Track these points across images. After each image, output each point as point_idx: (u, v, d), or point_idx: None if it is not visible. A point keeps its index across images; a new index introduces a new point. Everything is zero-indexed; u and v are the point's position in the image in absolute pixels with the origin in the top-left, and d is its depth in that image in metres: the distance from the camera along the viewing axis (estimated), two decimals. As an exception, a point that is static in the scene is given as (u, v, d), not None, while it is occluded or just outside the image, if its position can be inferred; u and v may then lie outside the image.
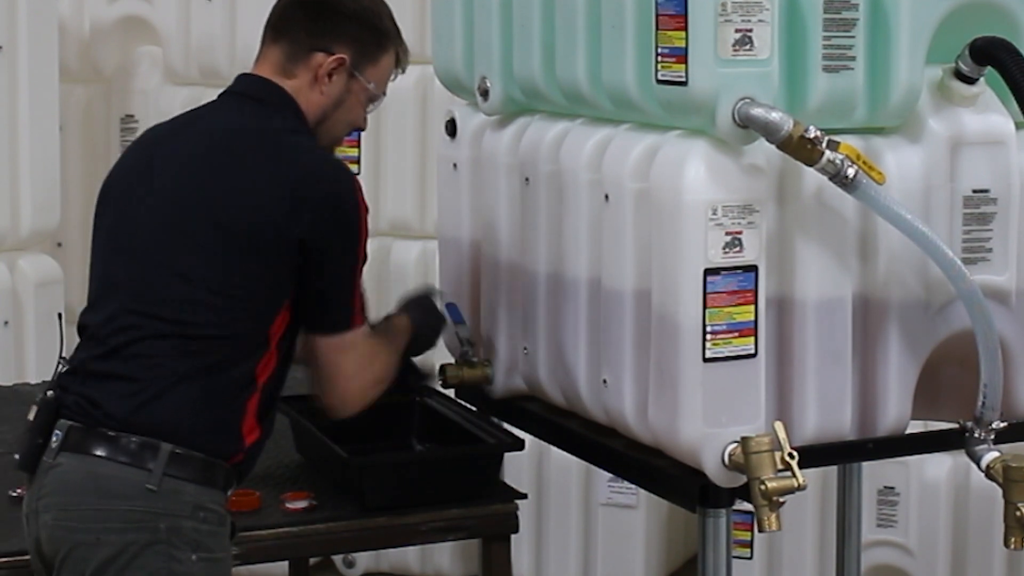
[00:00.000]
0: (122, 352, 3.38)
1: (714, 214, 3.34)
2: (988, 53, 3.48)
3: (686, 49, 3.35)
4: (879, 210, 3.39)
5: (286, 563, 5.15)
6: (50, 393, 3.43)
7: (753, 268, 3.38)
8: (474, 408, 4.13)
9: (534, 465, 5.85)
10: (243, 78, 3.74)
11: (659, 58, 3.43)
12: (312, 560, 5.35)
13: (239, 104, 3.67)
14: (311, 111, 3.62)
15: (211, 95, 6.08)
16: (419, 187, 6.10)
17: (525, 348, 3.98)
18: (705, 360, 3.36)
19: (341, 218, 3.46)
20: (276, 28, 3.68)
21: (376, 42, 3.67)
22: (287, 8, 3.68)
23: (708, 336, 3.35)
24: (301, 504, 3.83)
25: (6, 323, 5.48)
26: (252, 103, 3.63)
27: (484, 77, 4.08)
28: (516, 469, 4.05)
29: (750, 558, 5.84)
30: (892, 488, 5.69)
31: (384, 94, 3.74)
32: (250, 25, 6.08)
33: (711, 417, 3.38)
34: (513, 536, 3.91)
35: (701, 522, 3.47)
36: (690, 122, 3.45)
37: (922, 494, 5.68)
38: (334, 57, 3.59)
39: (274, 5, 3.71)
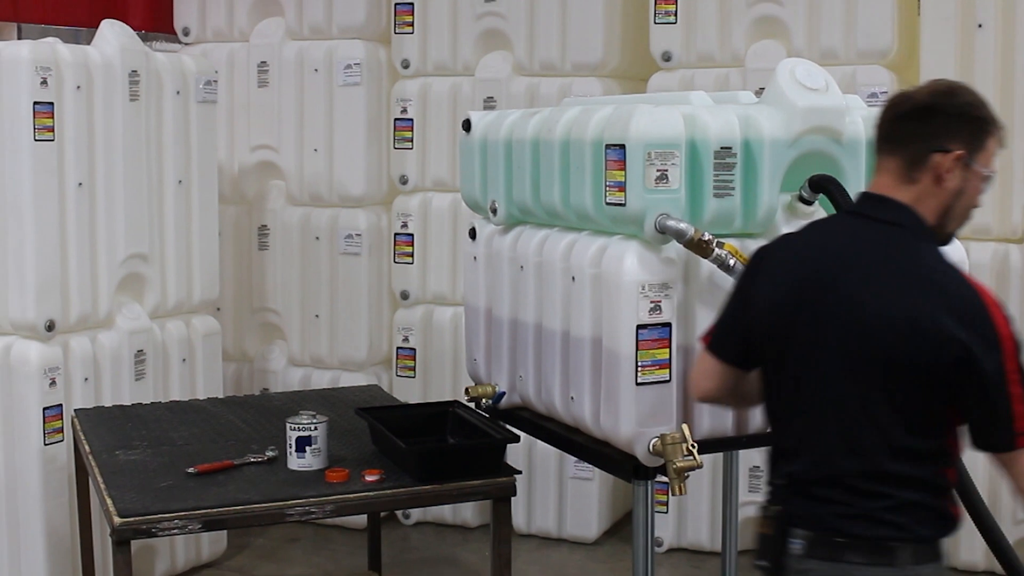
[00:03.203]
0: None
1: (643, 290, 3.34)
2: (820, 185, 3.48)
3: (625, 183, 3.37)
4: (750, 286, 3.39)
5: (365, 516, 5.14)
6: None
7: (668, 325, 3.37)
8: (487, 415, 4.11)
9: (526, 452, 5.82)
10: (869, 200, 2.82)
11: (607, 188, 3.44)
12: (382, 513, 5.32)
13: (865, 225, 2.79)
14: (936, 207, 2.72)
15: (318, 213, 6.14)
16: (452, 271, 6.09)
17: (520, 375, 3.97)
18: (637, 384, 3.35)
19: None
20: (890, 140, 2.75)
21: (982, 130, 2.72)
22: (895, 122, 2.75)
23: (639, 369, 3.35)
24: (375, 477, 3.80)
25: (184, 360, 5.47)
26: (878, 224, 2.76)
27: (494, 200, 4.08)
28: (514, 454, 4.05)
29: (666, 512, 5.81)
30: (759, 467, 5.65)
31: (994, 173, 2.79)
32: (345, 168, 6.11)
33: (641, 421, 3.37)
34: (512, 498, 3.88)
35: (634, 489, 3.47)
36: (627, 230, 3.45)
37: (777, 471, 5.66)
38: (954, 155, 2.67)
39: (879, 121, 2.79)
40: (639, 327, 3.34)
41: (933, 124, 2.71)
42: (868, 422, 2.67)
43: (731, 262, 3.33)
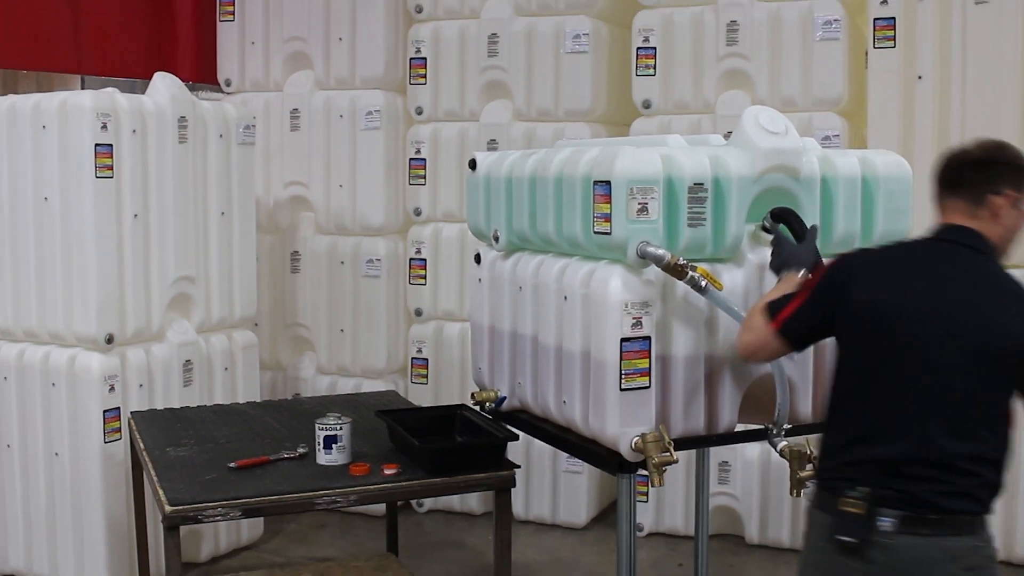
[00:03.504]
0: None
1: (626, 307, 3.34)
2: (781, 216, 3.49)
3: (610, 214, 3.36)
4: (719, 305, 3.39)
5: (384, 504, 5.14)
6: None
7: (648, 338, 3.36)
8: (490, 417, 4.11)
9: (524, 449, 5.82)
10: (951, 228, 2.92)
11: (595, 219, 3.43)
12: (399, 503, 5.31)
13: (955, 249, 2.91)
14: (994, 240, 2.90)
15: (343, 240, 6.14)
16: (460, 291, 6.10)
17: (519, 382, 3.96)
18: (621, 390, 3.34)
19: None
20: (954, 185, 2.92)
21: None
22: (958, 171, 2.92)
23: (623, 376, 3.34)
24: (392, 471, 3.81)
25: (226, 369, 5.47)
26: (965, 248, 2.90)
27: (496, 229, 4.07)
28: (513, 451, 4.04)
29: (646, 501, 5.81)
30: (727, 462, 5.67)
31: None
32: (366, 201, 6.11)
33: (624, 422, 3.36)
34: (512, 489, 3.88)
35: (619, 481, 3.46)
36: (612, 256, 3.44)
37: (744, 465, 5.65)
38: (1007, 196, 2.88)
39: (943, 170, 2.95)
40: (623, 340, 3.33)
41: (990, 172, 2.90)
42: (977, 411, 2.78)
43: (703, 283, 3.32)
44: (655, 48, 5.73)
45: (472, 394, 4.15)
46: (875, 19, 5.31)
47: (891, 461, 2.79)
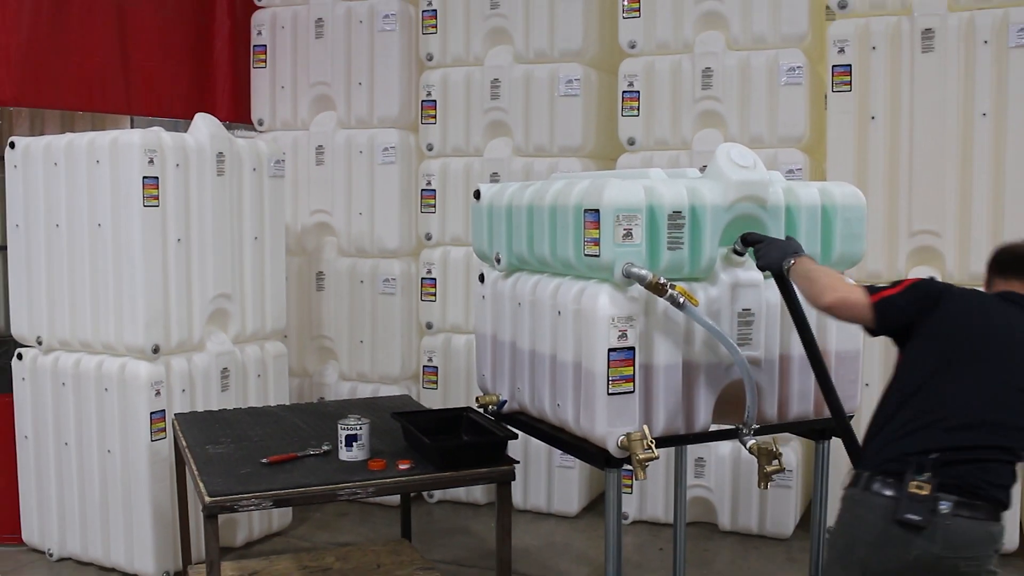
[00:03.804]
0: None
1: (612, 321, 3.35)
2: (750, 240, 3.51)
3: (599, 239, 3.38)
4: (696, 319, 3.41)
5: (399, 496, 5.14)
6: None
7: (632, 348, 3.38)
8: (492, 418, 4.12)
9: (523, 446, 5.84)
10: (1014, 293, 3.14)
11: (585, 243, 3.45)
12: (411, 494, 5.32)
13: (1014, 306, 3.11)
14: None
15: (362, 262, 6.15)
16: (466, 307, 6.12)
17: (518, 387, 3.96)
18: (608, 394, 3.36)
19: None
20: (1011, 269, 3.19)
21: None
22: (1017, 259, 3.20)
23: (610, 382, 3.35)
24: (406, 466, 3.84)
25: (259, 375, 5.49)
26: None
27: (497, 252, 4.09)
28: (513, 449, 4.05)
29: (631, 493, 5.81)
30: (702, 458, 5.67)
31: None
32: (383, 227, 6.13)
33: (611, 423, 3.37)
34: (512, 482, 3.90)
35: (606, 475, 3.47)
36: (601, 276, 3.46)
37: (717, 461, 5.66)
38: None
39: (1001, 257, 3.26)
40: (610, 350, 3.34)
41: None
42: (1014, 424, 2.94)
43: (681, 300, 3.34)
44: (638, 92, 5.76)
45: (476, 398, 4.16)
46: (833, 66, 5.34)
47: (952, 454, 2.89)
